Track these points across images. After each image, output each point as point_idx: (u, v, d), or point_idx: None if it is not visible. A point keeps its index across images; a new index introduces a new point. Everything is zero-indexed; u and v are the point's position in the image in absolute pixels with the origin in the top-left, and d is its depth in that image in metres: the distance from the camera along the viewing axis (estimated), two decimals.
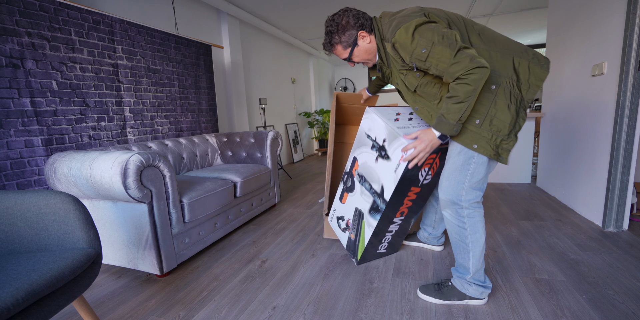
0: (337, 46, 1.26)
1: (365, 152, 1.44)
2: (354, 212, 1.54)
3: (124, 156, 1.37)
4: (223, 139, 2.74)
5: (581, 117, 2.21)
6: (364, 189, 1.46)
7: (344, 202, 1.60)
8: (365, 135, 1.43)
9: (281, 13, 3.83)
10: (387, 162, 1.30)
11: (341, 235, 1.66)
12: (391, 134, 1.28)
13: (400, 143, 1.23)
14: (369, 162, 1.41)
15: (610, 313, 1.16)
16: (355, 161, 1.50)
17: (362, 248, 1.53)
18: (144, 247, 1.51)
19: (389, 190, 1.31)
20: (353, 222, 1.55)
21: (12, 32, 1.57)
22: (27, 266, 0.87)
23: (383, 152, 1.33)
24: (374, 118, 1.36)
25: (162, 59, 2.43)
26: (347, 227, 1.60)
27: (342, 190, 1.62)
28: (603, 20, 1.94)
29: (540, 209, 2.34)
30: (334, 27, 1.22)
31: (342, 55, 1.28)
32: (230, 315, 1.25)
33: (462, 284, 1.25)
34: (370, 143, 1.40)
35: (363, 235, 1.50)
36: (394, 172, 1.27)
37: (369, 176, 1.42)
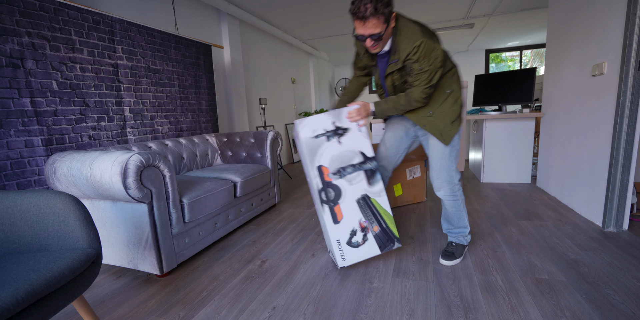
0: (379, 17, 1.19)
1: (323, 152, 1.47)
2: (359, 208, 1.49)
3: (124, 156, 1.37)
4: (223, 139, 2.74)
5: (581, 117, 2.21)
6: (349, 177, 1.47)
7: (341, 219, 1.48)
8: (313, 138, 1.46)
9: (281, 13, 3.83)
10: (349, 133, 1.46)
11: (365, 249, 1.51)
12: (334, 114, 1.46)
13: (346, 112, 1.46)
14: (335, 151, 1.47)
15: (610, 313, 1.16)
16: (322, 167, 1.47)
17: (392, 224, 1.50)
18: (144, 247, 1.51)
19: (368, 145, 1.46)
20: (366, 216, 1.49)
21: (12, 32, 1.57)
22: (27, 266, 0.87)
23: (340, 130, 1.46)
24: (309, 121, 1.47)
25: (162, 59, 2.43)
26: (364, 230, 1.49)
27: (329, 210, 1.48)
28: (603, 20, 1.94)
29: (540, 209, 2.34)
30: (381, 8, 1.17)
31: (376, 28, 1.21)
32: (230, 315, 1.25)
33: (461, 239, 1.65)
34: (323, 138, 1.46)
35: (384, 210, 1.49)
36: (359, 132, 1.47)
37: (345, 160, 1.47)
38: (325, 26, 4.48)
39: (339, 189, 1.48)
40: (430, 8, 3.88)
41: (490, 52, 6.60)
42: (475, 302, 1.27)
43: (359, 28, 1.24)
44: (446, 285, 1.39)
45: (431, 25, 4.63)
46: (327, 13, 3.88)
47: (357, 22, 1.23)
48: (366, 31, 1.23)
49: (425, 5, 3.76)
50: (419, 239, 1.89)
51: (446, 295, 1.32)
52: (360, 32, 1.25)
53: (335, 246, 1.49)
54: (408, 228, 2.08)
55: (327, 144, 1.46)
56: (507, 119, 3.05)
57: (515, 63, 6.72)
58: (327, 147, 1.46)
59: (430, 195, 2.84)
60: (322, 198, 1.48)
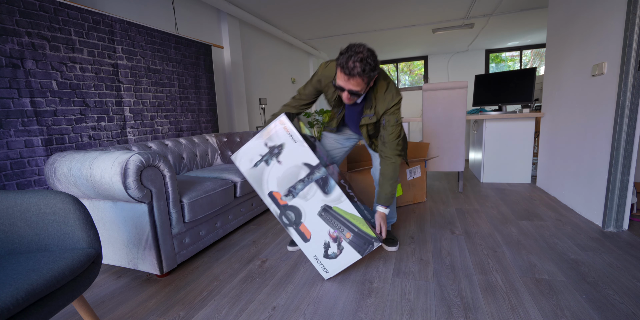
0: (364, 78, 1.23)
1: (268, 177, 1.42)
2: (324, 220, 1.42)
3: (124, 156, 1.37)
4: (223, 139, 2.74)
5: (581, 117, 2.21)
6: (303, 194, 1.41)
7: (310, 236, 1.45)
8: (254, 168, 1.43)
9: (281, 13, 3.83)
10: (285, 148, 1.38)
11: (345, 257, 1.44)
12: (262, 134, 1.40)
13: (272, 127, 1.38)
14: (278, 173, 1.41)
15: (610, 313, 1.16)
16: (273, 193, 1.44)
17: (364, 225, 1.40)
18: (144, 247, 1.51)
19: (309, 153, 1.37)
20: (333, 226, 1.42)
21: (12, 32, 1.57)
22: (27, 266, 0.87)
23: (275, 149, 1.39)
24: (243, 152, 1.44)
25: (162, 59, 2.43)
26: (337, 240, 1.44)
27: (295, 231, 1.46)
28: (603, 20, 1.94)
29: (540, 209, 2.34)
30: (373, 63, 1.22)
31: (357, 87, 1.25)
32: (230, 315, 1.25)
33: (390, 226, 1.91)
34: (262, 164, 1.42)
35: (350, 214, 1.39)
36: (294, 142, 1.37)
37: (291, 178, 1.40)
38: (325, 26, 4.48)
39: (296, 209, 1.43)
40: (430, 8, 3.88)
41: (490, 52, 6.60)
42: (475, 302, 1.27)
43: (341, 81, 1.25)
44: (446, 285, 1.39)
45: (431, 25, 4.63)
46: (327, 13, 3.88)
47: (341, 75, 1.23)
48: (347, 86, 1.26)
49: (425, 5, 3.76)
50: (419, 239, 1.89)
51: (446, 295, 1.32)
52: (341, 84, 1.26)
53: (314, 262, 1.47)
54: (408, 228, 2.08)
55: (268, 168, 1.41)
56: (507, 119, 3.05)
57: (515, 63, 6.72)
58: (270, 171, 1.41)
59: (430, 196, 2.84)
60: (284, 222, 1.46)
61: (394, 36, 5.18)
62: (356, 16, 4.06)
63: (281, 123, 1.36)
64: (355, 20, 4.24)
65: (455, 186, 3.17)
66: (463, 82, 2.67)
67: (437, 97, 2.76)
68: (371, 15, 4.04)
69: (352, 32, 4.82)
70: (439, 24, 4.58)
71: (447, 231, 2.00)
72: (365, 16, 4.08)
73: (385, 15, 4.10)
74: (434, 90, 2.76)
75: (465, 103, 2.70)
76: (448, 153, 2.85)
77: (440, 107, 2.76)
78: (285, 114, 1.36)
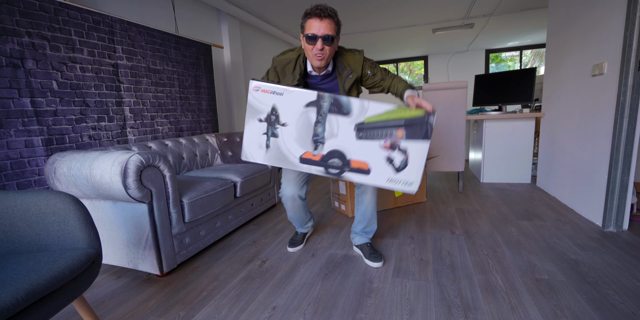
0: (333, 23, 1.29)
1: (289, 147, 1.25)
2: (366, 139, 1.21)
3: (124, 156, 1.37)
4: (223, 139, 2.74)
5: (581, 117, 2.21)
6: (329, 132, 1.23)
7: (368, 165, 1.23)
8: (271, 151, 1.27)
9: (281, 13, 3.83)
10: (280, 110, 1.22)
11: (414, 155, 1.21)
12: (249, 111, 1.25)
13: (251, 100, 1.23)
14: (292, 134, 1.24)
15: (610, 313, 1.16)
16: (302, 156, 1.26)
17: (406, 111, 1.19)
18: (144, 247, 1.51)
19: (302, 93, 1.20)
20: (379, 137, 1.21)
21: (12, 32, 1.57)
22: (27, 266, 0.87)
23: (272, 117, 1.23)
24: (246, 144, 1.28)
25: (162, 59, 2.43)
26: (394, 147, 1.21)
27: (353, 173, 1.25)
28: (603, 20, 1.94)
29: (540, 209, 2.34)
30: (336, 15, 1.31)
31: (330, 30, 1.28)
32: (230, 315, 1.25)
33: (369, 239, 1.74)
34: (273, 141, 1.26)
35: (383, 115, 1.19)
36: (281, 96, 1.22)
37: (306, 129, 1.24)
38: None
39: (335, 151, 1.24)
40: (430, 8, 3.88)
41: (490, 52, 6.60)
42: (475, 302, 1.27)
43: (314, 27, 1.27)
44: (446, 285, 1.39)
45: (431, 26, 4.63)
46: None
47: (313, 20, 1.27)
48: (320, 31, 1.27)
49: (425, 5, 3.76)
50: (419, 239, 1.89)
51: (446, 295, 1.32)
52: (314, 32, 1.28)
53: (392, 185, 1.25)
54: (408, 228, 2.08)
55: (280, 139, 1.25)
56: (507, 119, 3.05)
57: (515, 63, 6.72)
58: (283, 140, 1.25)
59: (430, 196, 2.84)
60: (335, 173, 1.25)
61: (394, 36, 5.18)
62: (356, 16, 4.06)
63: (255, 89, 1.21)
64: (355, 21, 4.24)
65: (455, 186, 3.17)
66: (463, 82, 2.67)
67: (437, 97, 2.75)
68: (371, 15, 4.04)
69: (352, 32, 4.81)
70: (439, 24, 4.58)
71: (447, 231, 2.00)
72: (365, 16, 4.08)
73: (385, 15, 4.10)
74: (434, 90, 2.76)
75: (465, 103, 2.70)
76: (448, 153, 2.85)
77: (440, 107, 2.76)
78: (252, 80, 1.23)
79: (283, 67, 1.45)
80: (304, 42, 1.33)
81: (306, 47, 1.34)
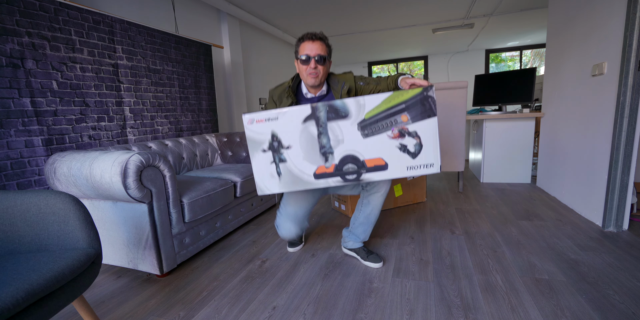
0: (325, 45, 1.38)
1: (299, 167, 1.20)
2: (373, 134, 1.17)
3: (124, 156, 1.37)
4: (223, 139, 2.74)
5: (581, 117, 2.21)
6: (334, 141, 1.18)
7: (385, 160, 1.18)
8: (280, 177, 1.22)
9: (281, 13, 3.83)
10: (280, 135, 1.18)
11: (426, 133, 1.17)
12: (253, 148, 1.19)
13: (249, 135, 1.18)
14: (299, 154, 1.19)
15: (610, 313, 1.16)
16: (316, 172, 1.21)
17: (404, 94, 1.15)
18: (144, 247, 1.51)
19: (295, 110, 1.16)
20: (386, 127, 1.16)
21: (12, 32, 1.57)
22: (27, 266, 0.87)
23: (274, 144, 1.18)
24: (258, 181, 1.22)
25: (162, 59, 2.43)
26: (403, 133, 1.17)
27: (372, 173, 1.19)
28: (603, 20, 1.94)
29: (540, 209, 2.34)
30: (327, 38, 1.42)
31: (322, 51, 1.36)
32: (230, 315, 1.25)
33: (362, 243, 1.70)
34: (283, 167, 1.20)
35: (385, 102, 1.14)
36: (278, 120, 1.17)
37: (312, 143, 1.19)
38: (325, 26, 4.47)
39: (347, 157, 1.19)
40: (430, 8, 3.88)
41: (490, 52, 6.60)
42: (475, 302, 1.27)
43: (307, 49, 1.35)
44: (446, 285, 1.39)
45: (431, 25, 4.64)
46: (327, 13, 3.88)
47: (306, 43, 1.36)
48: (313, 51, 1.34)
49: (426, 5, 3.76)
50: (419, 239, 1.89)
51: (446, 295, 1.32)
52: (307, 53, 1.35)
53: (413, 172, 1.19)
54: (408, 228, 2.08)
55: (289, 163, 1.20)
56: (507, 119, 3.05)
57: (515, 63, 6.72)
58: (292, 162, 1.20)
59: (430, 196, 2.84)
60: (352, 179, 1.21)
61: (394, 36, 5.18)
62: (356, 16, 4.06)
63: (250, 122, 1.17)
64: (355, 20, 4.24)
65: (455, 186, 3.17)
66: (463, 82, 2.67)
67: (437, 97, 2.75)
68: (371, 15, 4.04)
69: (352, 32, 4.81)
70: (439, 24, 4.58)
71: (447, 231, 2.00)
72: (365, 16, 4.08)
73: (386, 15, 4.10)
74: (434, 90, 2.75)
75: (465, 103, 2.70)
76: (448, 153, 2.85)
77: (440, 107, 2.76)
78: (244, 114, 1.21)
79: (279, 95, 1.49)
80: (299, 65, 1.40)
81: (300, 69, 1.40)
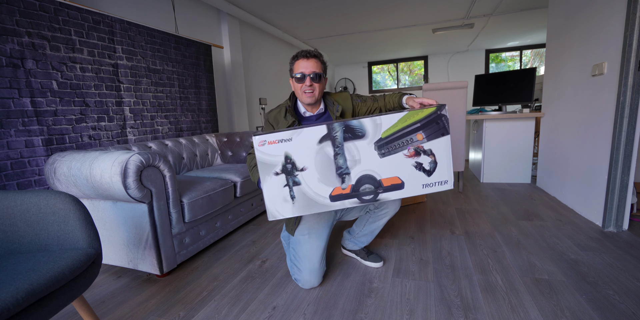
0: (319, 62, 1.37)
1: (314, 189, 1.16)
2: (390, 152, 1.15)
3: (124, 156, 1.37)
4: (223, 139, 2.74)
5: (581, 117, 2.21)
6: (351, 161, 1.15)
7: (401, 180, 1.17)
8: (293, 201, 1.17)
9: (281, 13, 3.83)
10: (294, 156, 1.14)
11: (440, 151, 1.17)
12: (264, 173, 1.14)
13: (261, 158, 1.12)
14: (314, 176, 1.16)
15: (610, 313, 1.16)
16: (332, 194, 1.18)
17: (418, 113, 1.15)
18: (144, 247, 1.51)
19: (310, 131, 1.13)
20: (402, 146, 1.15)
21: (12, 32, 1.57)
22: (27, 266, 0.87)
23: (287, 166, 1.14)
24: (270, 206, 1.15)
25: (162, 59, 2.43)
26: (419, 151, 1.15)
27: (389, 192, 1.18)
28: (603, 20, 1.94)
29: (540, 209, 2.34)
30: (321, 55, 1.41)
31: (317, 68, 1.35)
32: (230, 315, 1.25)
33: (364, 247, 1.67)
34: (297, 191, 1.15)
35: (401, 121, 1.14)
36: (291, 141, 1.14)
37: (328, 164, 1.16)
38: (325, 26, 4.48)
39: (364, 177, 1.17)
40: (430, 8, 3.88)
41: (490, 52, 6.60)
42: (475, 302, 1.27)
43: (301, 66, 1.34)
44: (446, 285, 1.39)
45: (431, 25, 4.64)
46: (327, 13, 3.88)
47: (300, 61, 1.35)
48: (308, 69, 1.33)
49: (425, 5, 3.76)
50: (419, 239, 1.89)
51: (446, 295, 1.32)
52: (302, 71, 1.33)
53: (428, 190, 1.19)
54: (408, 228, 2.08)
55: (303, 186, 1.15)
56: (507, 119, 3.05)
57: (515, 63, 6.72)
58: (307, 185, 1.16)
59: (430, 196, 2.84)
60: (370, 199, 1.19)
61: (394, 36, 5.18)
62: (356, 16, 4.06)
63: (261, 144, 1.12)
64: (355, 20, 4.24)
65: (455, 186, 3.17)
66: (463, 82, 2.67)
67: (437, 97, 2.75)
68: (371, 15, 4.04)
69: (352, 32, 4.81)
70: (439, 24, 4.58)
71: (447, 231, 2.00)
72: (366, 16, 4.08)
73: (386, 15, 4.10)
74: (434, 90, 2.76)
75: (465, 103, 2.70)
76: None
77: None
78: (254, 135, 1.13)
79: (275, 116, 1.44)
80: (294, 83, 1.38)
81: (296, 87, 1.38)
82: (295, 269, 1.44)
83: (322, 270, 1.42)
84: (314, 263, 1.39)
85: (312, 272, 1.39)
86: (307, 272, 1.39)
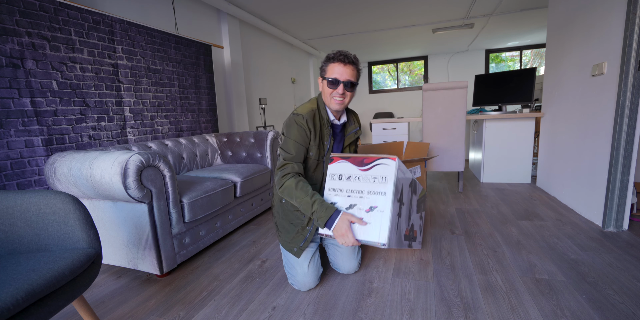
0: (356, 70, 1.32)
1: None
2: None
3: (124, 156, 1.37)
4: (223, 139, 2.74)
5: (581, 117, 2.21)
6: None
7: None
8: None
9: (281, 13, 3.83)
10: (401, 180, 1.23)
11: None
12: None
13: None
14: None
15: (610, 313, 1.16)
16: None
17: None
18: (144, 247, 1.51)
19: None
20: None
21: (12, 32, 1.57)
22: (27, 266, 0.87)
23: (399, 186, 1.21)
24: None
25: (162, 59, 2.43)
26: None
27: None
28: (603, 20, 1.94)
29: (540, 209, 2.34)
30: (359, 62, 1.34)
31: (353, 77, 1.30)
32: (230, 315, 1.25)
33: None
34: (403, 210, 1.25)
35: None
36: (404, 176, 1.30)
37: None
38: (325, 26, 4.48)
39: (409, 221, 1.32)
40: (430, 8, 3.88)
41: (490, 52, 6.60)
42: (475, 302, 1.27)
43: (336, 72, 1.27)
44: (446, 285, 1.39)
45: (431, 25, 4.64)
46: (327, 13, 3.88)
47: (337, 65, 1.27)
48: (343, 76, 1.27)
49: (425, 5, 3.76)
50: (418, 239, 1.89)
51: (446, 295, 1.32)
52: (336, 77, 1.27)
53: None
54: None
55: (401, 219, 1.23)
56: (507, 119, 3.05)
57: (515, 63, 6.72)
58: (400, 220, 1.23)
59: (430, 196, 2.84)
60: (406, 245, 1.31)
61: (394, 36, 5.18)
62: (356, 16, 4.06)
63: (392, 165, 1.18)
64: (355, 20, 4.25)
65: (455, 186, 3.17)
66: (463, 82, 2.67)
67: (437, 97, 2.76)
68: (371, 15, 4.04)
69: (352, 32, 4.82)
70: (439, 24, 4.58)
71: (447, 231, 2.00)
72: (366, 16, 4.08)
73: (386, 15, 4.10)
74: (434, 90, 2.76)
75: (465, 103, 2.70)
76: (448, 153, 2.85)
77: (440, 107, 2.76)
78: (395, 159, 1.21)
79: (312, 119, 1.33)
80: (325, 86, 1.31)
81: (325, 91, 1.32)
82: (289, 274, 1.44)
83: (316, 272, 1.40)
84: (304, 267, 1.38)
85: (304, 275, 1.38)
86: (300, 276, 1.38)
